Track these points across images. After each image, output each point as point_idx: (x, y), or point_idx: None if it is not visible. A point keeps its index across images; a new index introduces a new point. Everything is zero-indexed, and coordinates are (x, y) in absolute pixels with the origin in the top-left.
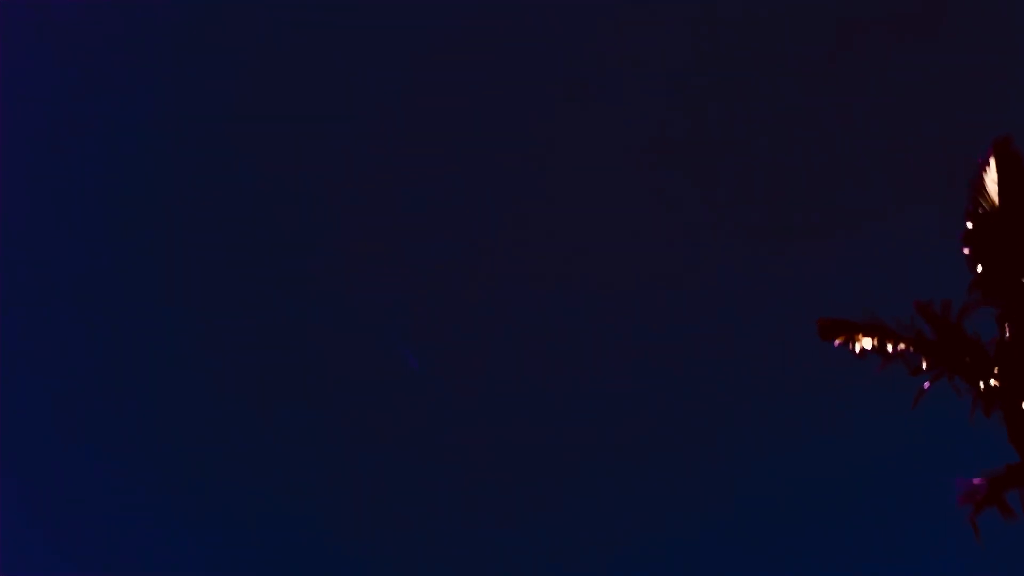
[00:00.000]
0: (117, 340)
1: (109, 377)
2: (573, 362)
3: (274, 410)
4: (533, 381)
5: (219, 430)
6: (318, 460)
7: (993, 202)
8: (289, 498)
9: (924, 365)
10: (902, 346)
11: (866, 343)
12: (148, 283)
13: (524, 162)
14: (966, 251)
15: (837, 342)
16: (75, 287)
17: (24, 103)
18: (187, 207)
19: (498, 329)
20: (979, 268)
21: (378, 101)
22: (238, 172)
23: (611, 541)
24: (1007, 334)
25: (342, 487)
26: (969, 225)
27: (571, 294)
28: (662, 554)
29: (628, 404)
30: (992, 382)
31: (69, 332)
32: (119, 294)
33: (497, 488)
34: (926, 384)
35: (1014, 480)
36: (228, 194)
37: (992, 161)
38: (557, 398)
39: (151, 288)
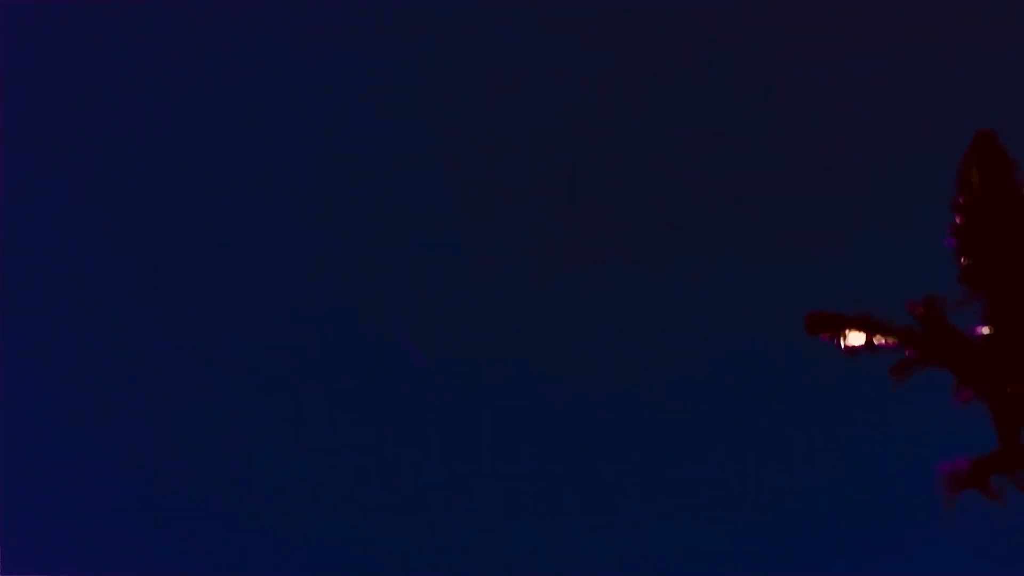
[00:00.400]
0: (118, 339)
1: (109, 376)
2: (574, 359)
3: (278, 407)
4: (537, 377)
5: (222, 427)
6: (321, 456)
7: (978, 195)
8: (292, 496)
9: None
10: (891, 339)
11: (854, 337)
12: (150, 281)
13: (525, 161)
14: (952, 244)
15: (825, 337)
16: (74, 287)
17: (24, 103)
18: (189, 206)
19: (501, 325)
20: (964, 261)
21: (378, 100)
22: (241, 171)
23: (612, 539)
24: (992, 326)
25: (346, 483)
26: (955, 218)
27: (571, 292)
28: (662, 549)
29: (627, 399)
30: (979, 372)
31: (69, 332)
32: (119, 293)
33: (500, 484)
34: (911, 374)
35: (997, 465)
36: (231, 192)
37: (976, 155)
38: (559, 395)
39: (153, 286)
